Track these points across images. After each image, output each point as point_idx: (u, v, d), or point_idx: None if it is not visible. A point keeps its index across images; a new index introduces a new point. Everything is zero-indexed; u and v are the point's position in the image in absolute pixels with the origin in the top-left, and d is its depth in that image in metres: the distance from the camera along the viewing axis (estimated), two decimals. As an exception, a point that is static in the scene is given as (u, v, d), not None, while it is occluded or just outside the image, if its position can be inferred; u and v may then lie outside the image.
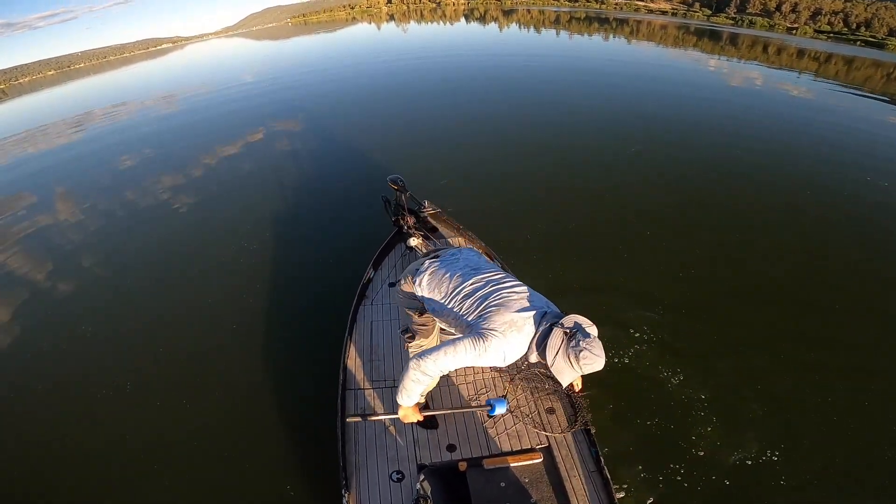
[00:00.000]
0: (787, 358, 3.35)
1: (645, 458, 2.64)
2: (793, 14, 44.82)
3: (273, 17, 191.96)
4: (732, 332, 3.57)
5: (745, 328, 3.63)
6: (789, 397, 3.04)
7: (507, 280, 1.79)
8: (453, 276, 1.84)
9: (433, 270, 1.90)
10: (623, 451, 2.65)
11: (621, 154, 7.10)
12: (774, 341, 3.50)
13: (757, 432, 2.79)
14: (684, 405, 2.95)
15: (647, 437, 2.77)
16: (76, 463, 2.96)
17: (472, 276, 1.82)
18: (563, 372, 1.57)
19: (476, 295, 1.74)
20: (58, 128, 15.41)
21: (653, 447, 2.71)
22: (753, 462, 2.63)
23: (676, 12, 53.24)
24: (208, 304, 4.31)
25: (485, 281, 1.78)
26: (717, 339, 3.51)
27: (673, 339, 3.46)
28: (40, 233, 6.61)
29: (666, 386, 3.08)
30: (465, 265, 1.89)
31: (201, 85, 19.61)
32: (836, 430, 2.84)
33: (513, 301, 1.68)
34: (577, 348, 1.51)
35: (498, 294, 1.71)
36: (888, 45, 31.36)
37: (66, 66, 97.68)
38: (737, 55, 20.41)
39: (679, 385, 3.08)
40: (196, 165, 8.29)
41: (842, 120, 9.53)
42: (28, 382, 3.70)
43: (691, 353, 3.35)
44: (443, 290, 1.83)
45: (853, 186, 6.08)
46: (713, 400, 2.98)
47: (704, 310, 3.83)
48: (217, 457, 2.86)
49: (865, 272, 4.34)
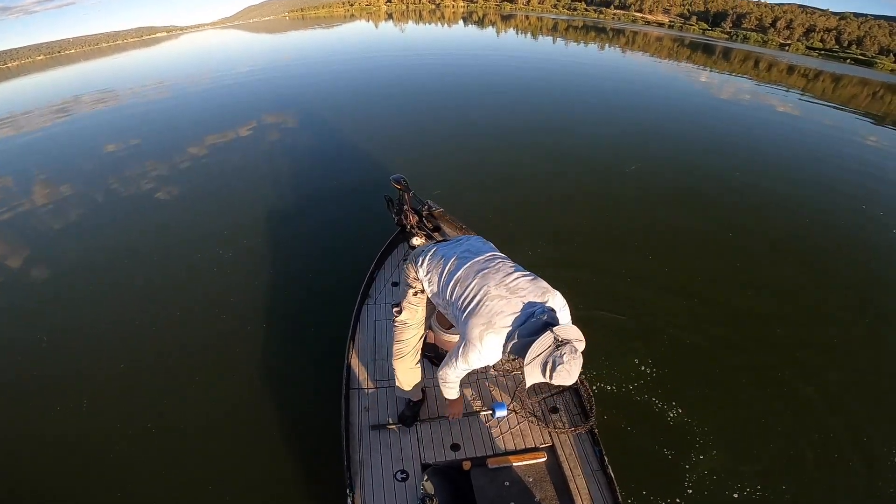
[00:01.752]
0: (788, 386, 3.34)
1: (647, 457, 2.69)
2: (787, 30, 45.79)
3: (271, 11, 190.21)
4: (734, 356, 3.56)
5: (746, 354, 3.59)
6: (785, 426, 3.02)
7: (504, 269, 1.74)
8: (449, 259, 1.85)
9: (434, 252, 1.93)
10: (626, 451, 2.69)
11: (622, 164, 7.16)
12: (773, 369, 3.46)
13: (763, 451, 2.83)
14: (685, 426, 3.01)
15: (652, 437, 2.82)
16: (76, 464, 2.91)
17: (467, 260, 1.80)
18: (532, 375, 1.52)
19: (467, 284, 1.73)
20: (43, 112, 15.05)
21: (656, 447, 2.76)
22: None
23: (673, 25, 54.04)
24: (209, 302, 4.26)
25: (479, 268, 1.76)
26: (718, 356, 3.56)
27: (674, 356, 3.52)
28: (19, 219, 6.44)
29: (665, 414, 3.12)
30: (465, 249, 1.89)
31: (195, 75, 19.31)
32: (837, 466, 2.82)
33: (504, 302, 1.63)
34: (559, 361, 1.45)
35: (491, 290, 1.67)
36: (877, 64, 32.16)
37: (56, 52, 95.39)
38: (728, 69, 20.83)
39: (678, 407, 3.14)
40: (194, 159, 8.17)
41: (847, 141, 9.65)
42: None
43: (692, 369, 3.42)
44: (438, 272, 1.86)
45: (852, 216, 5.99)
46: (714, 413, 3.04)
47: (706, 333, 3.76)
48: (220, 456, 2.85)
49: (868, 303, 4.30)
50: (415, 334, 2.18)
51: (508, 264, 1.80)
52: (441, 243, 2.00)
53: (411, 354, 2.23)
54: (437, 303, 1.95)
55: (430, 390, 2.63)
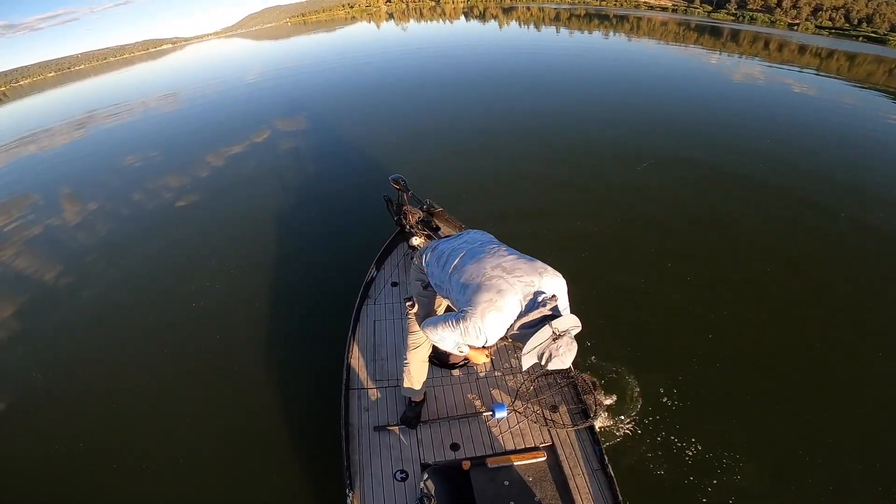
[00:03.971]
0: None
1: (648, 457, 2.65)
2: (794, 10, 44.54)
3: (272, 17, 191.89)
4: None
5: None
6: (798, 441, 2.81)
7: (501, 253, 1.77)
8: (449, 250, 1.90)
9: (436, 247, 1.99)
10: (626, 451, 2.65)
11: (630, 166, 6.63)
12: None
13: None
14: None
15: (652, 436, 2.77)
16: (76, 462, 2.98)
17: (466, 248, 1.85)
18: (528, 362, 1.58)
19: (466, 269, 1.75)
20: (62, 129, 15.45)
21: (657, 445, 2.71)
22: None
23: (677, 8, 52.94)
24: (211, 304, 4.33)
25: (477, 254, 1.80)
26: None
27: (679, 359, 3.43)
28: (47, 234, 6.65)
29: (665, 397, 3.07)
30: (464, 241, 1.94)
31: (202, 85, 19.62)
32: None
33: (502, 281, 1.65)
34: (555, 354, 1.53)
35: (487, 272, 1.69)
36: (890, 41, 31.07)
37: (66, 68, 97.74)
38: (738, 51, 20.31)
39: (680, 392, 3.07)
40: (199, 166, 8.32)
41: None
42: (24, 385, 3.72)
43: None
44: (441, 264, 1.89)
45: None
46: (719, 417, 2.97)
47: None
48: (221, 456, 2.88)
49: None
50: None
51: (505, 248, 1.84)
52: (443, 239, 2.06)
53: (425, 346, 2.25)
54: (442, 293, 1.97)
55: (430, 390, 2.62)
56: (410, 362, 2.29)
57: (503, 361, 2.81)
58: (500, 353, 2.86)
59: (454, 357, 2.71)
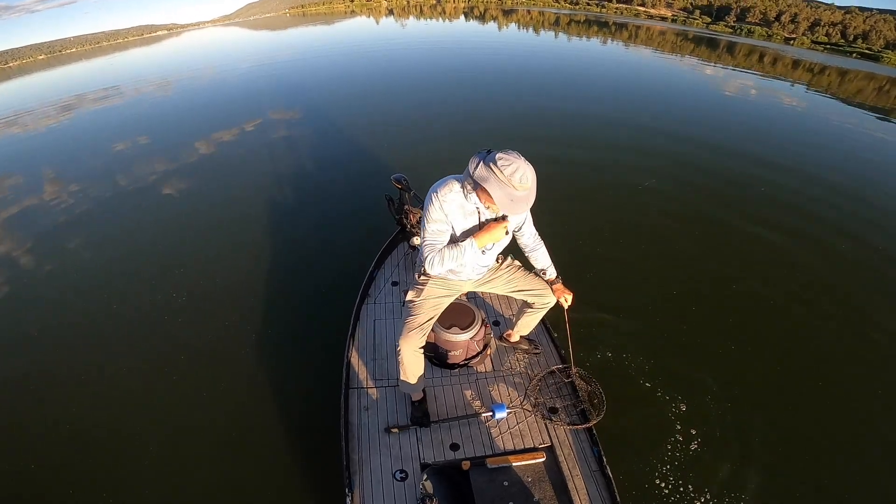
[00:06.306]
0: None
1: (646, 459, 2.69)
2: (792, 24, 45.40)
3: (271, 7, 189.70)
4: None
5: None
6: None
7: None
8: None
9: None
10: (625, 453, 2.69)
11: (636, 180, 6.64)
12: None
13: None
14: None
15: (650, 437, 2.82)
16: (73, 462, 2.92)
17: None
18: (494, 188, 1.66)
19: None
20: (48, 111, 15.08)
21: (655, 447, 2.76)
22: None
23: (676, 19, 53.59)
24: (208, 300, 4.25)
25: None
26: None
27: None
28: (29, 215, 6.48)
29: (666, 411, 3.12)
30: None
31: (196, 71, 19.32)
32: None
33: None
34: (492, 156, 1.66)
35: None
36: (883, 58, 31.79)
37: (57, 51, 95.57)
38: (733, 63, 20.65)
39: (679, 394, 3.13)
40: (193, 156, 8.17)
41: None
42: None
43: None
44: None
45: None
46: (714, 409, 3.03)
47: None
48: (218, 455, 2.84)
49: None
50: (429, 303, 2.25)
51: None
52: None
53: (416, 333, 2.15)
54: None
55: (429, 391, 2.63)
56: (402, 350, 2.15)
57: (503, 362, 2.83)
58: (500, 354, 2.88)
59: (454, 357, 2.72)
